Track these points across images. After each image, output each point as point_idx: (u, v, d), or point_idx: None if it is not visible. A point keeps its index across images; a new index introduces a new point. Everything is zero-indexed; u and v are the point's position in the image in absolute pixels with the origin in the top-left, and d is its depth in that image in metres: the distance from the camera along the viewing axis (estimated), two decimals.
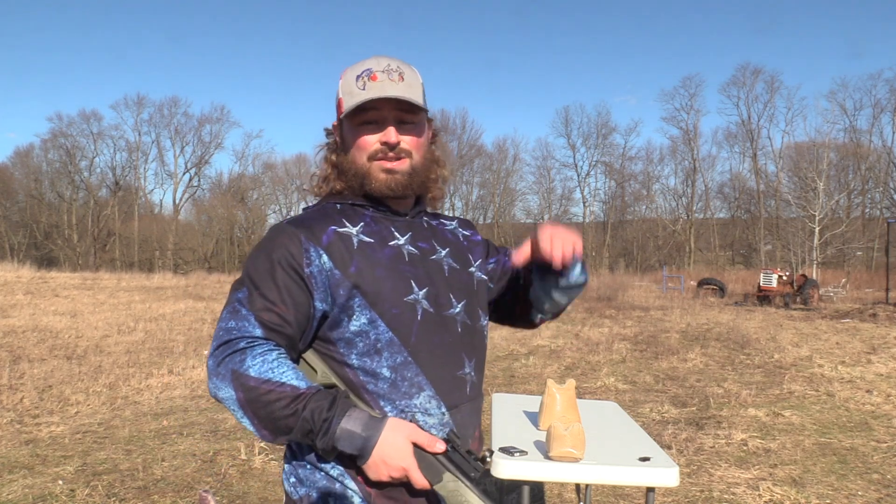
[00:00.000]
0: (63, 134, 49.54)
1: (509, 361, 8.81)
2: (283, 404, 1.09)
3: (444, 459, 1.14)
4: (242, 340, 1.14)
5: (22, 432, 5.12)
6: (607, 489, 4.02)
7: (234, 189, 51.56)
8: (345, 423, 1.11)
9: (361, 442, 1.11)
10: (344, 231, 1.25)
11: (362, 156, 1.28)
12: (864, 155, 40.66)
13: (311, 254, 1.20)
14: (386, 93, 1.24)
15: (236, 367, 1.12)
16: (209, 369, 1.15)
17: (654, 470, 2.03)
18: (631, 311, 16.59)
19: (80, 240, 48.49)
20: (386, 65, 1.27)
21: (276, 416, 1.10)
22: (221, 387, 1.13)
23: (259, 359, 1.12)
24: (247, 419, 1.12)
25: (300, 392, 1.11)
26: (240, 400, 1.11)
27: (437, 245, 1.36)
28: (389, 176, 1.27)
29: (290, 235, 1.22)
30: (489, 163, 50.63)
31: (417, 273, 1.28)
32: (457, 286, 1.34)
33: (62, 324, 11.63)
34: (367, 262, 1.23)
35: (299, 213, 1.34)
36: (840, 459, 4.72)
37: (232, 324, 1.16)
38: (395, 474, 1.12)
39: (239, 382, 1.11)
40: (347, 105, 1.26)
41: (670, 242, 47.62)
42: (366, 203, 1.31)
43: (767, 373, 8.14)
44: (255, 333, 1.15)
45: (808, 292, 19.55)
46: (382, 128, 1.27)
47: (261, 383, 1.10)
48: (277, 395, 1.10)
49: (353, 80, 1.27)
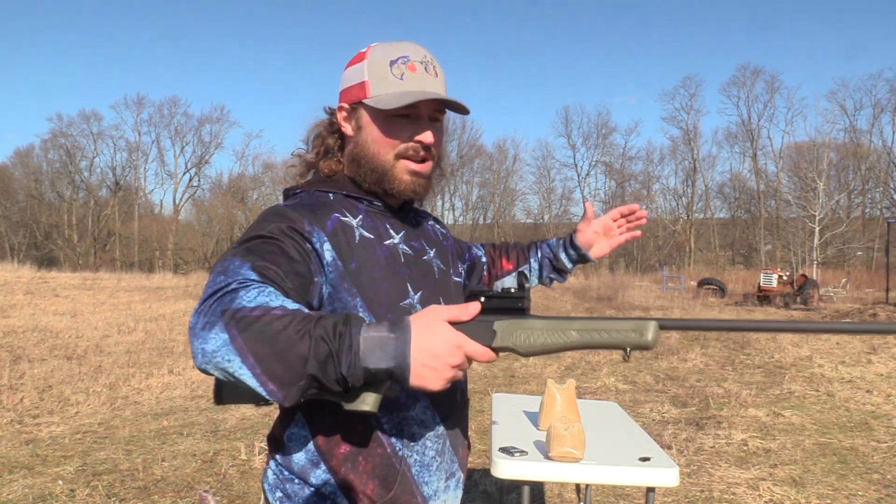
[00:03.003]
0: (63, 134, 49.54)
1: (509, 361, 8.80)
2: (291, 330, 0.83)
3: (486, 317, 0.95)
4: (234, 283, 0.90)
5: (22, 432, 5.12)
6: (607, 489, 4.01)
7: (234, 189, 51.51)
8: (367, 330, 0.86)
9: (394, 345, 0.85)
10: (346, 220, 1.14)
11: (389, 152, 1.16)
12: (864, 155, 40.63)
13: (314, 236, 1.07)
14: (428, 90, 1.14)
15: (226, 306, 0.86)
16: (192, 331, 0.88)
17: (654, 470, 2.03)
18: (631, 311, 16.58)
19: (80, 240, 48.47)
20: (423, 55, 1.17)
21: (282, 346, 0.83)
22: (208, 337, 0.85)
23: (254, 290, 0.89)
24: (246, 367, 0.84)
25: (307, 313, 0.87)
26: (234, 339, 0.84)
27: (426, 245, 1.28)
28: (415, 178, 1.18)
29: (292, 218, 1.07)
30: (489, 163, 50.62)
31: (412, 275, 1.19)
32: (445, 290, 1.27)
33: (62, 324, 11.63)
34: (367, 259, 1.13)
35: (286, 200, 1.19)
36: (840, 459, 4.72)
37: (221, 278, 0.92)
38: (453, 362, 0.88)
39: (231, 319, 0.85)
40: (381, 93, 1.15)
41: (670, 242, 47.60)
42: (361, 195, 1.20)
43: (767, 373, 8.13)
44: (251, 276, 0.93)
45: (809, 292, 19.55)
46: (416, 124, 1.16)
47: (259, 311, 0.85)
48: (282, 321, 0.84)
49: (387, 64, 1.15)
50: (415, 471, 1.16)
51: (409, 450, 1.15)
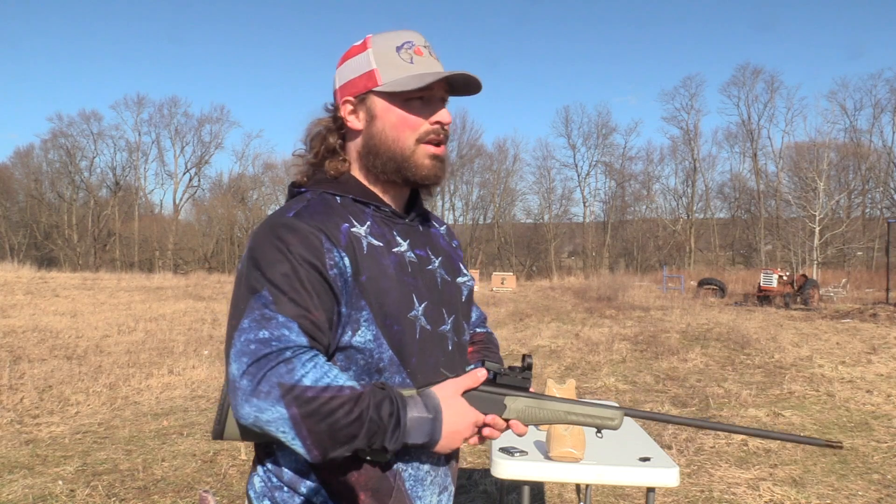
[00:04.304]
0: (63, 134, 49.51)
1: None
2: (346, 410, 0.95)
3: (495, 389, 1.14)
4: (287, 350, 0.97)
5: (22, 432, 5.12)
6: (607, 489, 4.01)
7: (234, 189, 51.48)
8: (411, 412, 1.01)
9: (430, 426, 1.03)
10: (355, 231, 1.12)
11: (410, 136, 1.15)
12: (864, 155, 40.62)
13: (333, 255, 1.06)
14: (447, 70, 1.15)
15: (284, 379, 0.94)
16: (243, 391, 0.95)
17: (654, 470, 2.03)
18: (631, 312, 16.58)
19: (80, 240, 48.46)
20: (423, 41, 1.18)
21: (338, 425, 0.95)
22: (266, 407, 0.94)
23: (310, 364, 0.97)
24: (299, 440, 0.94)
25: (358, 392, 0.98)
26: (293, 417, 0.93)
27: (431, 253, 1.25)
28: (435, 162, 1.17)
29: (307, 234, 1.06)
30: (489, 163, 50.56)
31: (417, 285, 1.17)
32: (448, 300, 1.25)
33: (62, 324, 11.63)
34: (377, 270, 1.11)
35: (291, 203, 1.16)
36: (840, 459, 4.72)
37: (265, 333, 0.97)
38: (467, 435, 1.08)
39: (292, 396, 0.93)
40: (393, 78, 1.14)
41: (670, 242, 47.59)
42: (367, 200, 1.18)
43: (767, 373, 8.13)
44: (301, 342, 0.99)
45: (809, 292, 19.55)
46: (431, 105, 1.16)
47: (320, 391, 0.95)
48: (339, 401, 0.95)
49: (393, 50, 1.15)
50: (409, 485, 1.14)
51: (404, 463, 1.13)
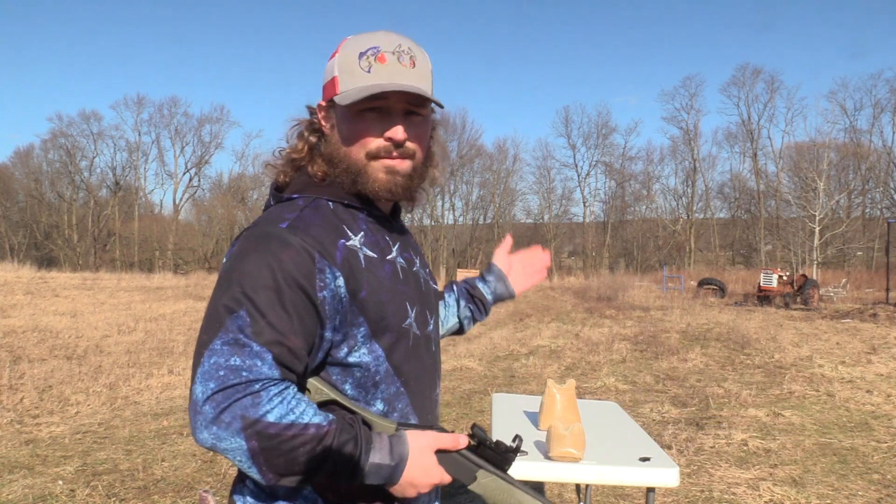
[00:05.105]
0: (63, 134, 49.53)
1: (509, 361, 8.80)
2: (307, 449, 0.94)
3: (473, 457, 1.08)
4: (256, 383, 0.94)
5: (22, 432, 5.12)
6: (607, 489, 4.01)
7: (234, 189, 51.47)
8: (372, 457, 0.99)
9: (389, 472, 1.01)
10: (351, 245, 1.07)
11: (360, 152, 1.10)
12: (864, 155, 40.63)
13: (325, 276, 1.02)
14: (397, 82, 1.07)
15: (248, 412, 0.92)
16: (203, 417, 0.92)
17: (654, 470, 2.03)
18: (631, 312, 16.58)
19: (80, 240, 48.46)
20: (397, 45, 1.10)
21: (296, 462, 0.94)
22: (225, 437, 0.92)
23: (277, 399, 0.94)
24: (255, 468, 0.94)
25: (323, 431, 0.95)
26: (252, 450, 0.92)
27: (413, 254, 1.23)
28: (390, 177, 1.11)
29: (298, 251, 1.00)
30: (489, 163, 50.56)
31: (409, 291, 1.15)
32: (430, 301, 1.23)
33: (62, 324, 11.62)
34: (375, 284, 1.08)
35: (283, 210, 1.09)
36: (840, 459, 4.72)
37: (236, 361, 0.94)
38: (423, 491, 1.04)
39: (254, 430, 0.92)
40: (347, 88, 1.08)
41: (670, 242, 47.60)
42: (360, 205, 1.14)
43: (767, 373, 8.13)
44: (273, 375, 0.95)
45: (809, 292, 19.55)
46: (388, 119, 1.09)
47: (283, 429, 0.93)
48: (301, 440, 0.94)
49: (356, 56, 1.09)
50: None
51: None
